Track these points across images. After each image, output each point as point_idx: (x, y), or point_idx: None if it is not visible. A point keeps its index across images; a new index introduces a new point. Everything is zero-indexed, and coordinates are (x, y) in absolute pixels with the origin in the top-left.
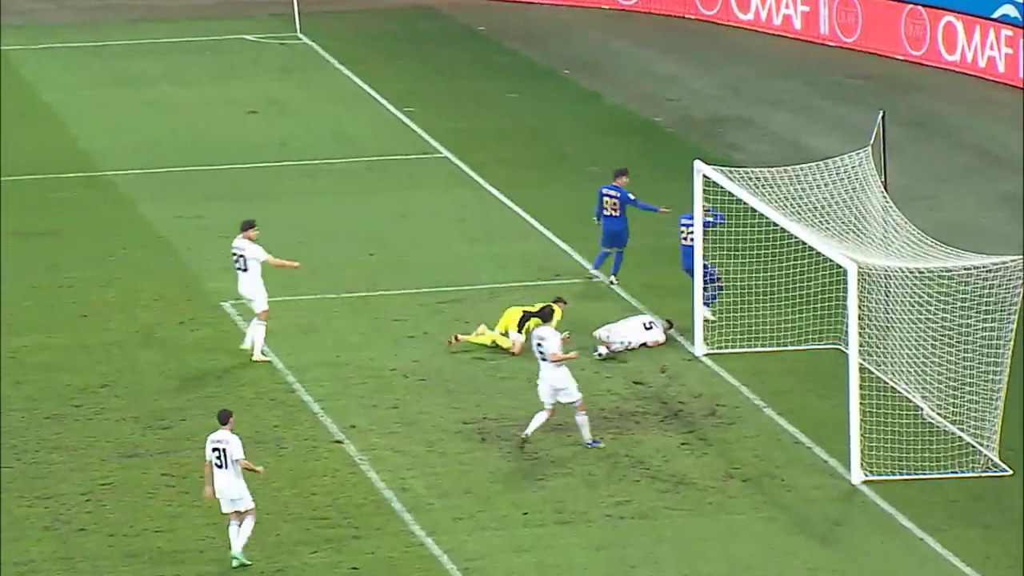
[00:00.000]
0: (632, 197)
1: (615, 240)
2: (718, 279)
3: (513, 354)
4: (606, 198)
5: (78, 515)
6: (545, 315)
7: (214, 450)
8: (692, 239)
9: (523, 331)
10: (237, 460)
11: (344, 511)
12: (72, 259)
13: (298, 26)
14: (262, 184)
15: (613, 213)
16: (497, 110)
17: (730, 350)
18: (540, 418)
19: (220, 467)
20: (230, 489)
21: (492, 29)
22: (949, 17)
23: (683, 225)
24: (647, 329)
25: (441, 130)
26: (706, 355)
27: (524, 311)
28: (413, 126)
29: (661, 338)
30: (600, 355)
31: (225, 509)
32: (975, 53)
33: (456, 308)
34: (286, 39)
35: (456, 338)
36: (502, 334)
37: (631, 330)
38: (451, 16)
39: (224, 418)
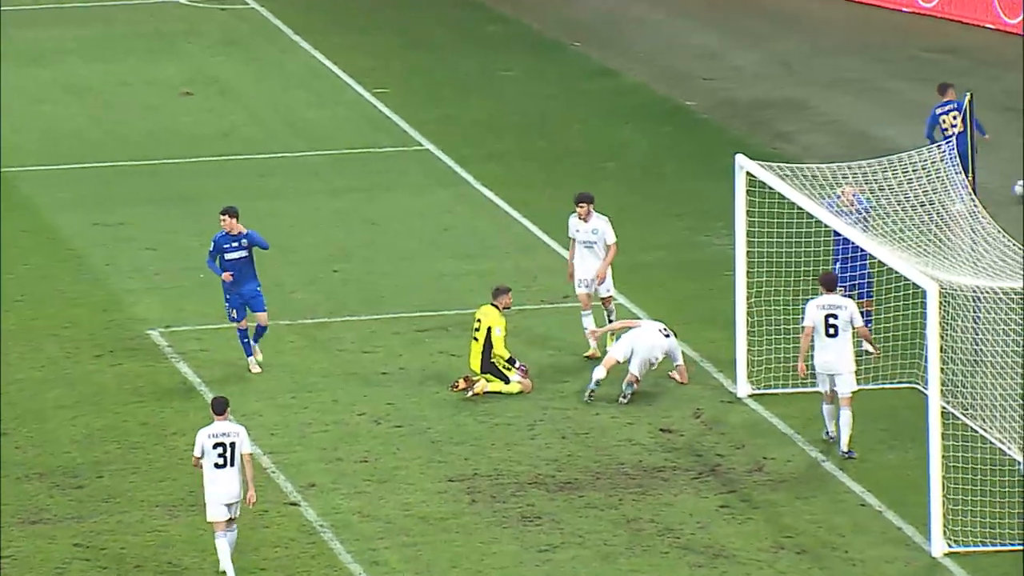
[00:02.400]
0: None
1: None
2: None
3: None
4: (944, 117)
5: None
6: (830, 282)
7: (217, 445)
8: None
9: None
10: (244, 453)
11: None
12: None
13: None
14: (199, 184)
15: (960, 129)
16: (490, 92)
17: (780, 390)
18: (846, 418)
19: (223, 466)
20: (236, 491)
21: None
22: None
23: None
24: (666, 336)
25: (421, 117)
26: (751, 396)
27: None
28: (386, 112)
29: (677, 351)
30: (626, 397)
31: (218, 517)
32: None
33: (440, 338)
34: (230, 4)
35: (466, 380)
36: (505, 366)
37: (650, 340)
38: None
39: (221, 407)
